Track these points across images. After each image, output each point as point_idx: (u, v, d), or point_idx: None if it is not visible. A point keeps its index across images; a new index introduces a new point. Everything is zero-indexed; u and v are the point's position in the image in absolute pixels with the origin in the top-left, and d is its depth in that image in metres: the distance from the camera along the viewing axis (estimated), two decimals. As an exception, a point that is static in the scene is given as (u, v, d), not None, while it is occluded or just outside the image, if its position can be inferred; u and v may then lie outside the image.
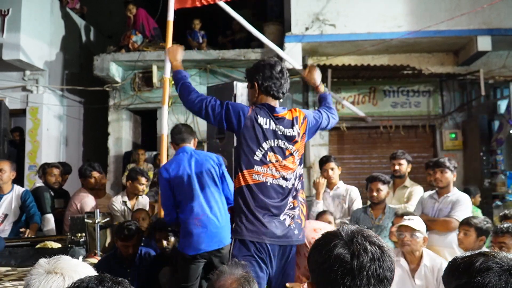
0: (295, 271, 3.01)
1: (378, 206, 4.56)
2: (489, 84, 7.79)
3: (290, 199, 2.93)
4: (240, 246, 2.80)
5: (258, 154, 2.85)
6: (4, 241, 4.07)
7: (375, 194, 4.50)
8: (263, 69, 2.95)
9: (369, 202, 4.67)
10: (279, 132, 2.91)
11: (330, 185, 5.15)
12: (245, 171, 2.84)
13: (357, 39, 7.43)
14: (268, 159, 2.87)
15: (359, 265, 1.32)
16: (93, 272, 1.80)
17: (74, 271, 1.78)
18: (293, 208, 2.94)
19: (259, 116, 2.87)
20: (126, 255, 3.96)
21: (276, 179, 2.89)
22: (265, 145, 2.87)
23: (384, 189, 4.51)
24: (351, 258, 1.33)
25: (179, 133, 3.97)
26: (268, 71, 2.94)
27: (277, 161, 2.89)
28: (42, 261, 1.75)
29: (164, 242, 3.92)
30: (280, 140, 2.91)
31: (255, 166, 2.84)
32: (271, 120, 2.91)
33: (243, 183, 2.84)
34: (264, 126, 2.87)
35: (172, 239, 3.97)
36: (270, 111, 2.93)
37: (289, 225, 2.90)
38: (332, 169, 5.10)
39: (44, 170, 5.70)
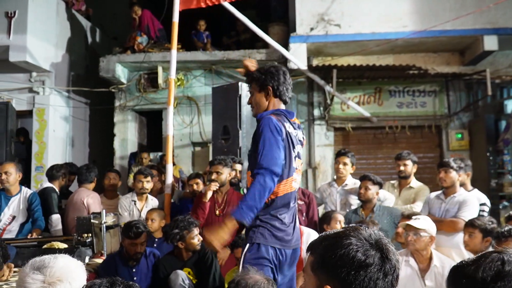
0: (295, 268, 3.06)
1: (368, 206, 4.62)
2: (496, 83, 7.74)
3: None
4: (259, 250, 2.75)
5: (293, 161, 2.88)
6: (15, 249, 4.08)
7: (362, 191, 4.60)
8: (277, 74, 2.96)
9: (353, 198, 4.77)
10: (297, 138, 2.98)
11: (338, 180, 5.13)
12: (288, 179, 2.84)
13: (362, 39, 7.41)
14: (296, 165, 2.92)
15: (389, 268, 1.33)
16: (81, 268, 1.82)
17: (72, 272, 1.79)
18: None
19: (284, 123, 2.88)
20: (133, 254, 3.96)
21: (297, 183, 2.98)
22: (294, 152, 2.91)
23: (373, 188, 4.57)
24: (383, 262, 1.33)
25: None
26: (282, 77, 2.97)
27: (298, 165, 2.97)
28: (35, 276, 1.74)
29: (195, 242, 3.89)
30: (298, 145, 2.98)
31: (293, 173, 2.88)
32: (291, 126, 2.94)
33: (284, 192, 2.82)
34: (290, 131, 2.90)
35: (196, 231, 3.90)
36: (288, 117, 2.96)
37: (297, 226, 2.98)
38: (344, 164, 5.07)
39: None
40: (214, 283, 3.85)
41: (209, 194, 4.40)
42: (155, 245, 4.50)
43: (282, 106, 3.02)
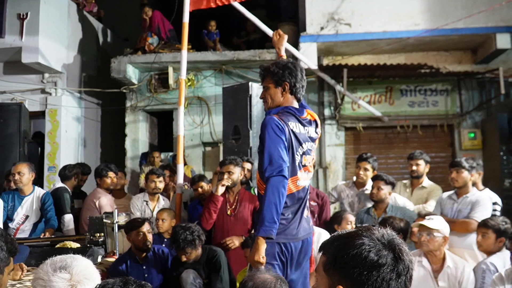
0: (309, 263, 3.09)
1: (380, 206, 4.59)
2: (509, 82, 7.64)
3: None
4: (266, 249, 2.75)
5: (297, 160, 2.87)
6: (29, 248, 4.12)
7: (375, 192, 4.57)
8: (295, 70, 2.97)
9: (372, 203, 4.71)
10: (307, 135, 2.97)
11: (358, 183, 5.10)
12: (291, 178, 2.84)
13: (373, 38, 7.38)
14: (303, 163, 2.92)
15: (402, 268, 1.32)
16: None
17: (93, 271, 1.83)
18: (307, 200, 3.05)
19: (288, 122, 2.87)
20: (142, 244, 3.97)
21: (307, 180, 2.98)
22: (301, 150, 2.90)
23: (385, 188, 4.54)
24: (396, 263, 1.31)
25: None
26: (300, 74, 2.99)
27: (308, 163, 2.96)
28: (61, 275, 1.75)
29: (183, 257, 3.86)
30: (308, 143, 2.97)
31: (298, 172, 2.87)
32: (299, 124, 2.93)
33: (289, 192, 2.82)
34: (296, 131, 2.89)
35: (193, 252, 3.86)
36: (296, 114, 2.94)
37: (307, 217, 3.01)
38: (365, 169, 5.02)
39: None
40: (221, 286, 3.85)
41: (221, 189, 4.37)
42: (163, 244, 4.52)
43: (295, 103, 3.01)
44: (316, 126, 3.08)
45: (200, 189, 4.91)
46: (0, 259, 1.99)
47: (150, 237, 4.04)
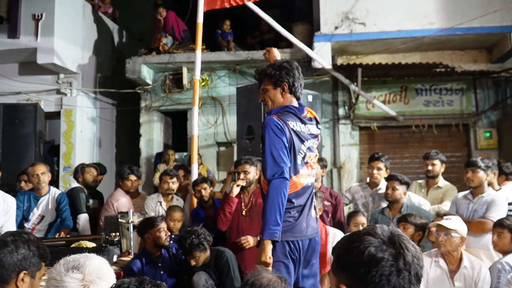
0: (318, 261, 3.09)
1: (395, 206, 4.55)
2: (525, 81, 7.58)
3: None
4: (275, 249, 2.77)
5: (299, 157, 2.88)
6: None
7: (389, 192, 4.53)
8: (292, 69, 2.98)
9: (387, 203, 4.68)
10: (308, 132, 2.97)
11: (372, 183, 5.08)
12: (293, 177, 2.85)
13: (388, 37, 7.33)
14: (306, 160, 2.92)
15: (403, 264, 1.30)
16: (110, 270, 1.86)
17: (107, 270, 1.83)
18: (314, 198, 3.05)
19: (288, 121, 2.87)
20: (164, 240, 3.99)
21: (311, 177, 2.98)
22: (303, 147, 2.91)
23: (400, 188, 4.50)
24: (395, 258, 1.29)
25: None
26: (297, 72, 3.00)
27: (311, 159, 2.97)
28: (73, 275, 1.76)
29: (192, 262, 3.85)
30: (310, 140, 2.97)
31: (300, 170, 2.88)
32: (300, 122, 2.94)
33: (290, 191, 2.83)
34: (297, 129, 2.89)
35: (202, 255, 3.86)
36: (296, 113, 2.95)
37: (314, 216, 3.01)
38: (378, 169, 4.98)
39: (82, 170, 5.82)
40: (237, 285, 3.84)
41: (236, 190, 4.33)
42: (171, 241, 4.53)
43: (295, 102, 3.02)
44: (317, 122, 3.09)
45: (203, 191, 4.85)
46: (32, 263, 2.04)
47: (168, 233, 4.08)
